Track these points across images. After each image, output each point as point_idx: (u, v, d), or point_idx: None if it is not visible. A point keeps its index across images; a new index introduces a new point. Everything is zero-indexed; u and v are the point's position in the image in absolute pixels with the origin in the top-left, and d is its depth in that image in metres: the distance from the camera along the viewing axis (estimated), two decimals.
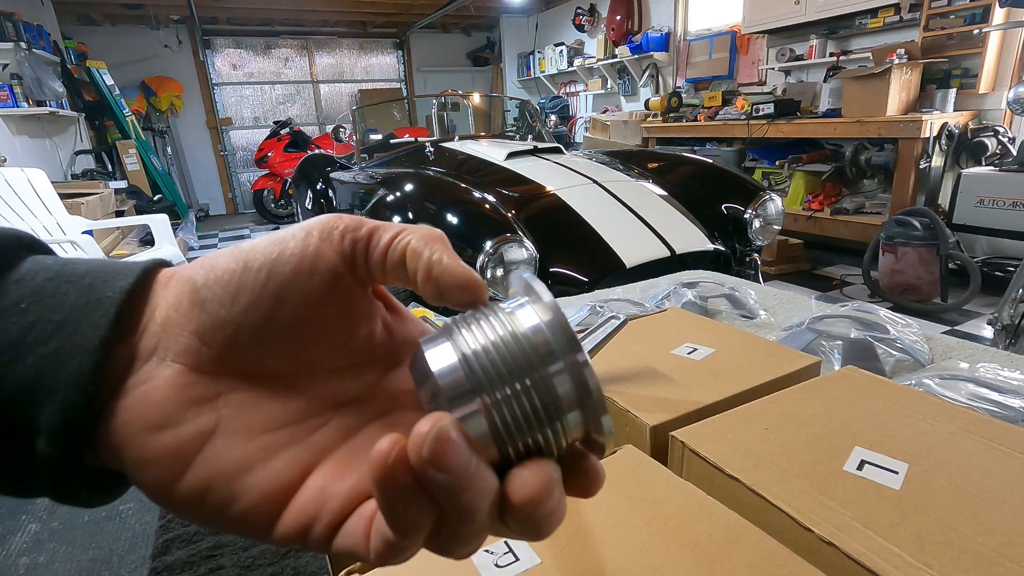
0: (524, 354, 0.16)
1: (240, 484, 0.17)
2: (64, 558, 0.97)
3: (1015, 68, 3.11)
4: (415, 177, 2.20)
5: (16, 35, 4.08)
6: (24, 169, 3.06)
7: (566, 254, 1.81)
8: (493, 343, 0.16)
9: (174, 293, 0.18)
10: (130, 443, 0.16)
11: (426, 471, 0.14)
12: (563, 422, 0.16)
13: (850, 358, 0.61)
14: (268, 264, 0.17)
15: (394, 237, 0.18)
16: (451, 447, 0.14)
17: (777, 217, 2.04)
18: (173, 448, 0.17)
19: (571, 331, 0.16)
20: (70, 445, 0.16)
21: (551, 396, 0.15)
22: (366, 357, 0.20)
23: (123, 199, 4.73)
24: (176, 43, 6.60)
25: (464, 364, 0.16)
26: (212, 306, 0.17)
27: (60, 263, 0.18)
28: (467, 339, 0.16)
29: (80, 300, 0.17)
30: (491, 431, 0.15)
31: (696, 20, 5.19)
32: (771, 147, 4.06)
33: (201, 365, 0.17)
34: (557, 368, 0.15)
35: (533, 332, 0.16)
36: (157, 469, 0.17)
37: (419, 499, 0.15)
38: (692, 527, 0.29)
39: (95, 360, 0.16)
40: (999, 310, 1.97)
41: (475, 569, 0.27)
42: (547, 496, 0.15)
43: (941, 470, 0.32)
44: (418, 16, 6.87)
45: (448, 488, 0.14)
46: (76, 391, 0.16)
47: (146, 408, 0.17)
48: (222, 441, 0.17)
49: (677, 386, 0.44)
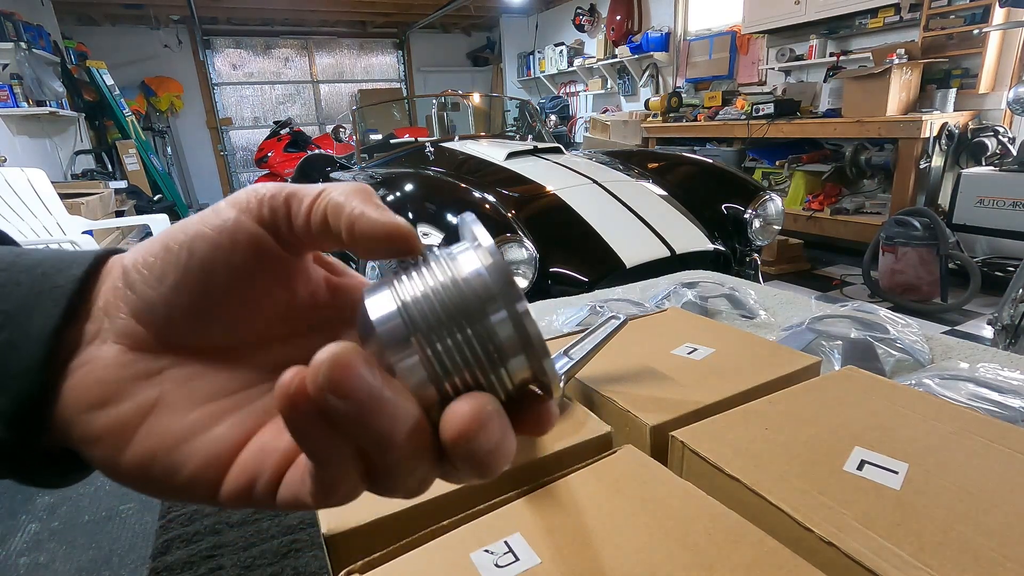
0: (463, 298, 0.15)
1: (182, 452, 0.17)
2: (64, 558, 0.98)
3: (1015, 68, 3.11)
4: (415, 177, 2.20)
5: (16, 35, 4.08)
6: (24, 169, 3.06)
7: (566, 254, 1.80)
8: (432, 289, 0.16)
9: (111, 278, 0.19)
10: (75, 422, 0.17)
11: (324, 398, 0.14)
12: (506, 366, 0.16)
13: (850, 358, 0.61)
14: (188, 243, 0.18)
15: (315, 199, 0.18)
16: (349, 372, 0.14)
17: (777, 217, 2.04)
18: (114, 423, 0.17)
19: (511, 276, 0.16)
20: (24, 430, 0.17)
21: (490, 339, 0.15)
22: (311, 322, 0.20)
23: (123, 199, 4.73)
24: (176, 43, 6.60)
25: (403, 310, 0.15)
26: (141, 287, 0.18)
27: (14, 253, 0.19)
28: (406, 286, 0.16)
29: (33, 289, 0.18)
30: (429, 375, 0.15)
31: (696, 20, 5.19)
32: (771, 147, 4.06)
33: (139, 344, 0.18)
34: (496, 311, 0.15)
35: (473, 276, 0.16)
36: (102, 445, 0.17)
37: (325, 428, 0.14)
38: (692, 527, 0.29)
39: (47, 349, 0.17)
40: (999, 310, 1.97)
41: (475, 569, 0.27)
42: (481, 427, 0.15)
43: (941, 470, 0.32)
44: (418, 16, 6.87)
45: (353, 415, 0.14)
46: (28, 380, 0.17)
47: (88, 387, 0.17)
48: (164, 413, 0.17)
49: (677, 386, 0.44)
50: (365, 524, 0.30)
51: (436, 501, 0.32)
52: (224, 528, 0.47)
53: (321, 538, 0.31)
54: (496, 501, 0.31)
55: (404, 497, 0.17)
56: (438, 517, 0.30)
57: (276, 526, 0.47)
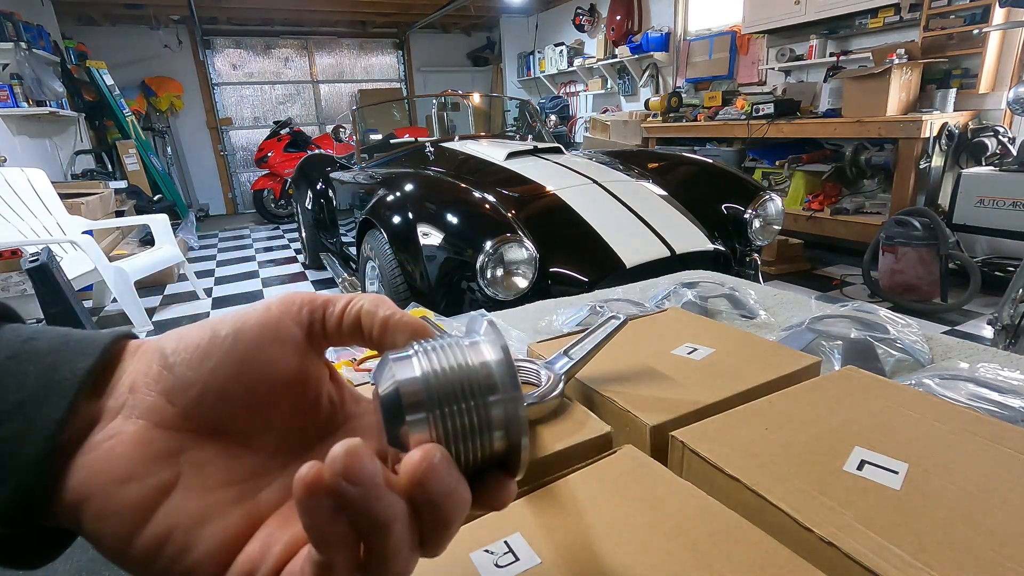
0: (472, 378, 0.18)
1: (196, 536, 0.18)
2: (64, 558, 0.98)
3: (1015, 68, 3.11)
4: (415, 177, 2.20)
5: (16, 35, 4.08)
6: (24, 169, 3.06)
7: (566, 254, 1.80)
8: (450, 367, 0.18)
9: (144, 360, 0.20)
10: (94, 496, 0.17)
11: (338, 483, 0.15)
12: (491, 434, 0.18)
13: (850, 358, 0.60)
14: (234, 331, 0.20)
15: (347, 304, 0.21)
16: (360, 462, 0.15)
17: (777, 217, 2.04)
18: (137, 500, 0.18)
19: (513, 369, 0.19)
20: (23, 523, 0.17)
21: (486, 411, 0.18)
22: (313, 420, 0.22)
23: (123, 199, 4.73)
24: (176, 43, 6.59)
25: (424, 377, 0.18)
26: (181, 369, 0.19)
27: (24, 336, 0.19)
28: (429, 360, 0.19)
29: (40, 381, 0.18)
30: (432, 436, 0.18)
31: (696, 20, 5.19)
32: (771, 147, 4.06)
33: (165, 421, 0.19)
34: (495, 397, 0.18)
35: (482, 365, 0.19)
36: (119, 520, 0.17)
37: (334, 513, 0.16)
38: (692, 527, 0.29)
39: (52, 444, 0.17)
40: (999, 310, 1.97)
41: (475, 569, 0.27)
42: (432, 471, 0.16)
43: (941, 470, 0.32)
44: (418, 16, 6.87)
45: (360, 500, 0.15)
46: (32, 473, 0.17)
47: (111, 462, 0.18)
48: (181, 495, 0.18)
49: (677, 386, 0.44)
50: None
51: None
52: None
53: None
54: None
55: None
56: None
57: None
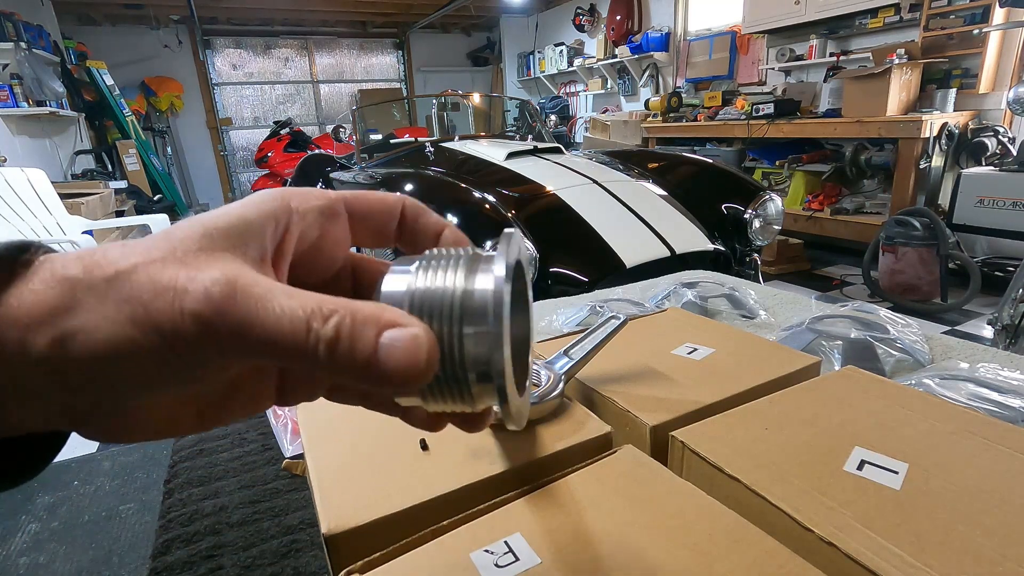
0: (460, 308, 0.17)
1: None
2: (64, 558, 0.97)
3: (1015, 68, 3.11)
4: (415, 177, 2.20)
5: (16, 35, 4.08)
6: (24, 169, 3.06)
7: (566, 254, 1.80)
8: (441, 289, 0.18)
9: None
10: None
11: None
12: (464, 370, 0.18)
13: (850, 358, 0.61)
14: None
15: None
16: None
17: (777, 217, 2.04)
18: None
19: (506, 308, 0.17)
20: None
21: (459, 349, 0.17)
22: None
23: (123, 199, 4.73)
24: (176, 43, 6.59)
25: (408, 297, 0.18)
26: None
27: None
28: (421, 278, 0.18)
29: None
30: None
31: (696, 20, 5.19)
32: (771, 147, 4.06)
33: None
34: (472, 330, 0.17)
35: (478, 294, 0.17)
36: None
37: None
38: (692, 527, 0.29)
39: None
40: (999, 310, 1.97)
41: (475, 569, 0.27)
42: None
43: (941, 470, 0.32)
44: (418, 16, 6.87)
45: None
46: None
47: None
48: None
49: (677, 386, 0.44)
50: (365, 524, 0.30)
51: (436, 501, 0.32)
52: (224, 528, 0.47)
53: (321, 538, 0.31)
54: (496, 501, 0.31)
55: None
56: (438, 517, 0.30)
57: (276, 526, 0.47)
